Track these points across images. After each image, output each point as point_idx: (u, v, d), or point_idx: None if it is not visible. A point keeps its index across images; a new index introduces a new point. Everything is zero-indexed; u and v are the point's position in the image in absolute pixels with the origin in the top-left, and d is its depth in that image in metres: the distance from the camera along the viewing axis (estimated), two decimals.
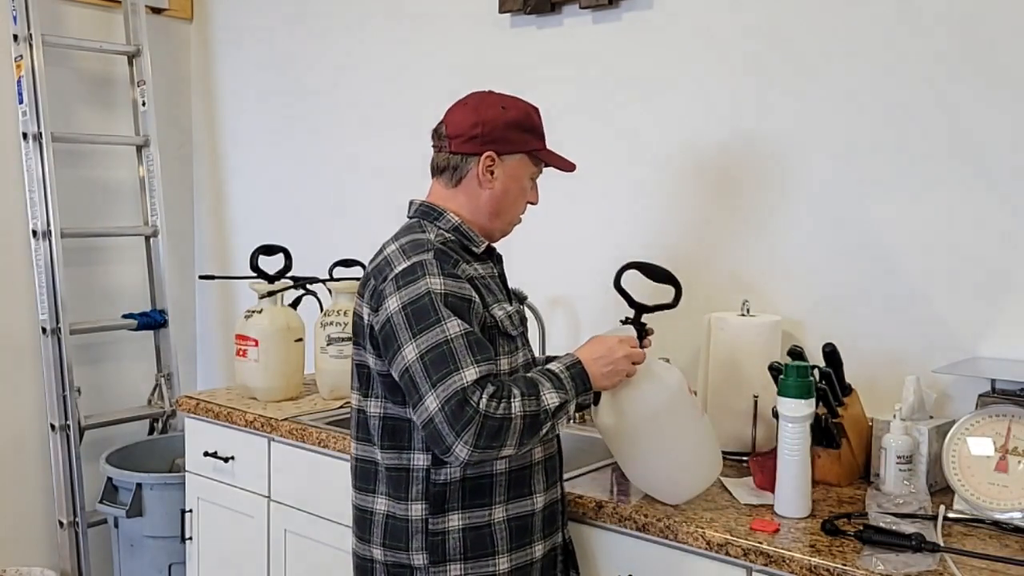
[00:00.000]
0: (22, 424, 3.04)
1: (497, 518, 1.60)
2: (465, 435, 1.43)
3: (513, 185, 1.67)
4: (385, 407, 1.60)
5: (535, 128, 1.70)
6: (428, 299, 1.50)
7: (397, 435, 1.59)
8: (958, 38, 1.90)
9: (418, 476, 1.58)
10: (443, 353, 1.47)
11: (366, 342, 1.59)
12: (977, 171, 1.90)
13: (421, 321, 1.49)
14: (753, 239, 2.20)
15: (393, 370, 1.53)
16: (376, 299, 1.55)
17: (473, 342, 1.49)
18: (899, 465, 1.77)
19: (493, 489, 1.59)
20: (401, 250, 1.57)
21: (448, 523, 1.57)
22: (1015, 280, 1.86)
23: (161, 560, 2.78)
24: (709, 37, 2.24)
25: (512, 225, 1.73)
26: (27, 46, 2.94)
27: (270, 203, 3.27)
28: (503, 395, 1.47)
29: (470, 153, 1.64)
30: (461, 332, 1.49)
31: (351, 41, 2.98)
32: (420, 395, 1.47)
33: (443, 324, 1.48)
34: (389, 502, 1.61)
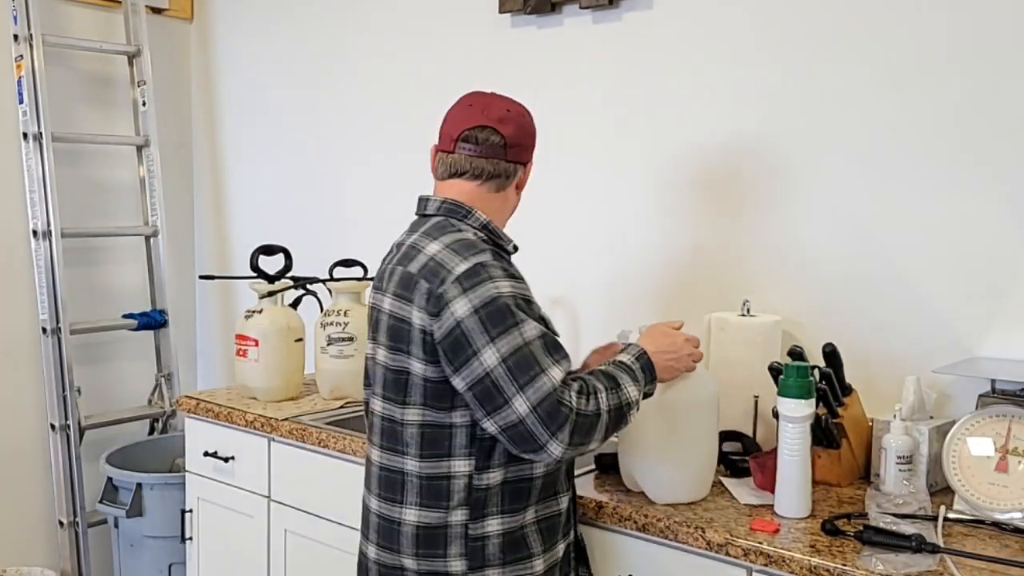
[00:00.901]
0: (22, 424, 3.04)
1: (529, 520, 1.59)
2: (560, 434, 1.45)
3: (519, 193, 1.73)
4: (424, 415, 1.56)
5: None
6: (502, 301, 1.49)
7: (437, 443, 1.56)
8: (958, 38, 1.90)
9: (459, 483, 1.55)
10: (526, 355, 1.47)
11: (414, 347, 1.54)
12: (977, 171, 1.90)
13: (498, 324, 1.47)
14: (753, 239, 2.20)
15: (463, 376, 1.49)
16: (435, 303, 1.51)
17: (549, 342, 1.50)
18: (899, 465, 1.77)
19: (530, 492, 1.59)
20: (451, 250, 1.54)
21: (487, 528, 1.56)
22: (1015, 280, 1.86)
23: (161, 560, 2.78)
24: (709, 37, 2.24)
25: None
26: (27, 46, 2.94)
27: (270, 203, 3.27)
28: (589, 391, 1.50)
29: (521, 162, 1.68)
30: (538, 333, 1.49)
31: (351, 41, 2.98)
32: (506, 399, 1.46)
33: (521, 327, 1.48)
34: (421, 511, 1.57)
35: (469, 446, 1.55)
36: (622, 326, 2.33)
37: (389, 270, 1.63)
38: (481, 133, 1.64)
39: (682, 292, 2.31)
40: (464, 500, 1.55)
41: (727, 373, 2.02)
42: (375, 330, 1.65)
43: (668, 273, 2.35)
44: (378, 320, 1.64)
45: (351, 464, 2.15)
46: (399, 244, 1.66)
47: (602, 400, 1.50)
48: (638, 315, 2.32)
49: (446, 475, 1.55)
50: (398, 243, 1.67)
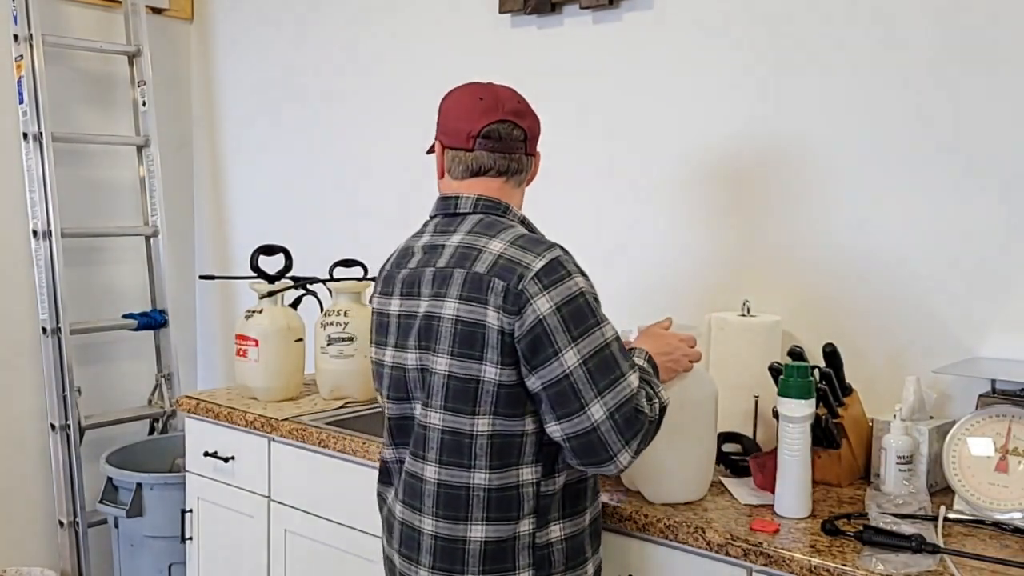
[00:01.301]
0: (22, 424, 3.04)
1: (587, 523, 1.57)
2: (633, 442, 1.42)
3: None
4: (495, 424, 1.47)
5: None
6: (583, 299, 1.44)
7: (506, 452, 1.47)
8: (959, 38, 1.90)
9: (528, 491, 1.49)
10: (606, 358, 1.42)
11: (489, 351, 1.45)
12: (978, 171, 1.90)
13: (580, 324, 1.42)
14: (753, 239, 2.20)
15: (540, 376, 1.43)
16: (514, 300, 1.43)
17: (622, 344, 1.47)
18: (899, 465, 1.77)
19: (585, 494, 1.56)
20: (520, 247, 1.48)
21: (550, 535, 1.51)
22: (1015, 280, 1.86)
23: (161, 560, 2.78)
24: (709, 37, 2.24)
25: None
26: (27, 46, 2.94)
27: (270, 203, 3.27)
28: (651, 395, 1.48)
29: (534, 154, 1.65)
30: (615, 334, 1.46)
31: (351, 41, 2.98)
32: (582, 403, 1.40)
33: (601, 327, 1.44)
34: (489, 526, 1.48)
35: (537, 452, 1.49)
36: (621, 326, 2.33)
37: (413, 274, 1.56)
38: (503, 128, 1.57)
39: (682, 292, 2.31)
40: (532, 509, 1.49)
41: (727, 373, 2.02)
42: (399, 336, 1.57)
43: (668, 273, 2.34)
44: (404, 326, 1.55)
45: (351, 464, 2.15)
46: (431, 246, 1.57)
47: (655, 405, 1.48)
48: (638, 315, 2.32)
49: (515, 485, 1.48)
50: (426, 245, 1.58)
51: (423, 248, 1.58)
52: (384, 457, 1.66)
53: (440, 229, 1.58)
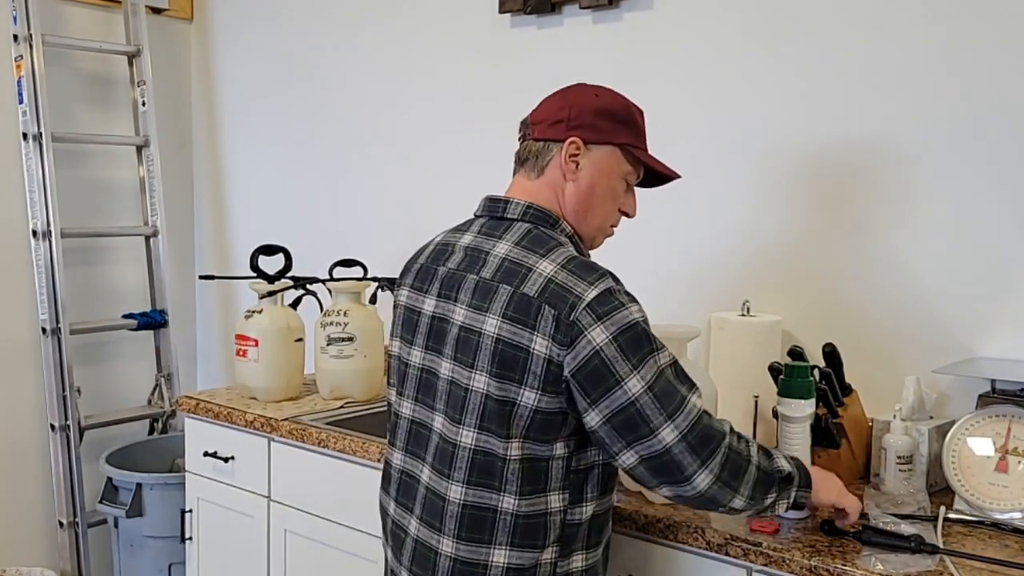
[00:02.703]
0: (22, 424, 3.04)
1: (602, 552, 1.54)
2: (711, 463, 1.37)
3: (601, 181, 1.52)
4: (524, 447, 1.41)
5: (632, 123, 1.55)
6: (640, 328, 1.38)
7: (536, 477, 1.42)
8: (959, 38, 1.90)
9: (555, 520, 1.44)
10: (668, 381, 1.38)
11: (531, 377, 1.38)
12: (978, 171, 1.90)
13: (638, 352, 1.37)
14: (753, 239, 2.20)
15: (601, 408, 1.36)
16: (566, 331, 1.36)
17: (679, 369, 1.42)
18: (899, 465, 1.77)
19: (606, 524, 1.53)
20: (571, 272, 1.40)
21: (572, 564, 1.47)
22: (1015, 280, 1.86)
23: (161, 560, 2.78)
24: (710, 38, 2.24)
25: (602, 233, 1.59)
26: (27, 46, 2.94)
27: (270, 203, 3.27)
28: (741, 435, 1.43)
29: (554, 139, 1.51)
30: (671, 360, 1.41)
31: (351, 41, 2.98)
32: (652, 428, 1.35)
33: (657, 354, 1.39)
34: (512, 552, 1.43)
35: (564, 479, 1.44)
36: None
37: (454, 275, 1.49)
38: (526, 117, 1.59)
39: (682, 292, 2.31)
40: (557, 538, 1.45)
41: (727, 373, 2.02)
42: (433, 339, 1.50)
43: (668, 273, 2.34)
44: (440, 330, 1.49)
45: (351, 464, 2.15)
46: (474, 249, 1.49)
47: (753, 449, 1.42)
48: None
49: (543, 512, 1.43)
50: (469, 247, 1.50)
51: (465, 249, 1.50)
52: (390, 463, 1.59)
53: (485, 232, 1.51)
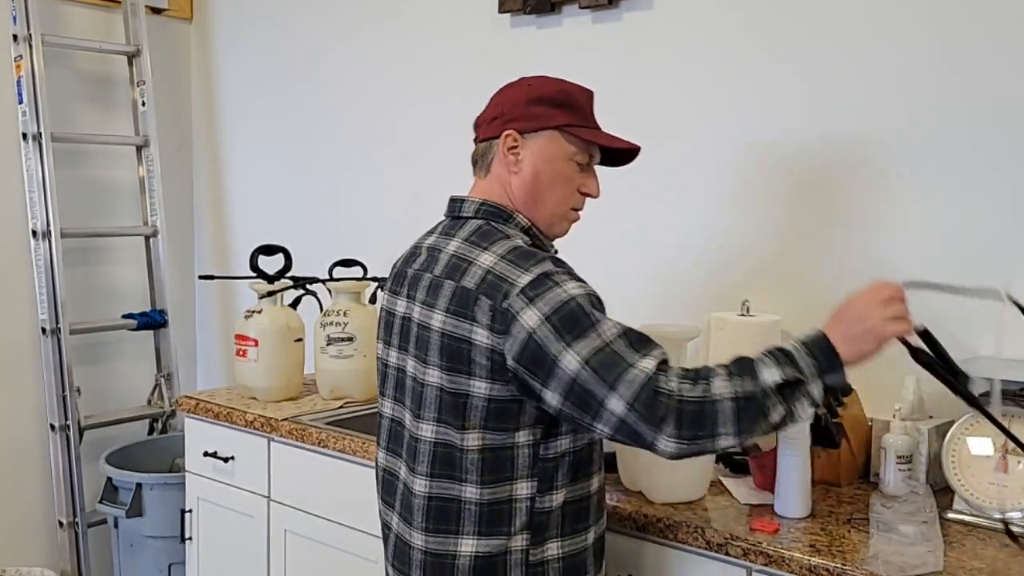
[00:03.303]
0: (22, 424, 3.04)
1: (590, 541, 1.50)
2: (666, 427, 1.28)
3: (545, 167, 1.51)
4: (485, 437, 1.42)
5: (570, 104, 1.54)
6: (575, 304, 1.35)
7: (499, 466, 1.42)
8: (959, 39, 1.90)
9: (522, 507, 1.43)
10: (610, 354, 1.32)
11: (477, 368, 1.40)
12: (978, 171, 1.90)
13: (574, 328, 1.34)
14: (753, 239, 2.20)
15: (553, 389, 1.35)
16: (501, 320, 1.36)
17: (634, 338, 1.35)
18: (899, 465, 1.77)
19: (590, 512, 1.49)
20: (508, 261, 1.41)
21: (547, 552, 1.45)
22: (1015, 280, 1.86)
23: (161, 560, 2.78)
24: (709, 37, 2.24)
25: (562, 219, 1.57)
26: (27, 46, 2.94)
27: (270, 203, 3.27)
28: (698, 377, 1.31)
29: (493, 136, 1.53)
30: (619, 331, 1.35)
31: (351, 41, 2.98)
32: (600, 402, 1.31)
33: (598, 327, 1.34)
34: (479, 540, 1.43)
35: (532, 467, 1.43)
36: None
37: (416, 275, 1.51)
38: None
39: (682, 292, 2.31)
40: (526, 525, 1.44)
41: None
42: (402, 339, 1.52)
43: (667, 273, 2.34)
44: (406, 329, 1.51)
45: (351, 464, 2.15)
46: (433, 248, 1.52)
47: (715, 385, 1.30)
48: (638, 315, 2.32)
49: (508, 499, 1.43)
50: (430, 246, 1.53)
51: (428, 249, 1.53)
52: (379, 463, 1.61)
53: (444, 231, 1.54)
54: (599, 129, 1.57)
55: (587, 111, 1.56)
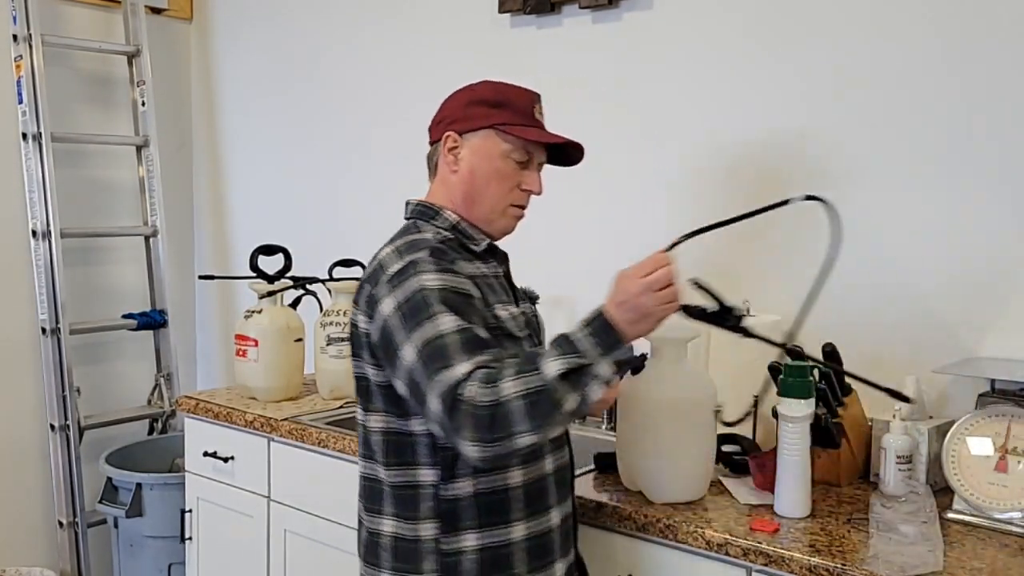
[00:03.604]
0: (22, 424, 3.04)
1: (517, 537, 1.48)
2: (464, 431, 1.30)
3: (481, 164, 1.55)
4: (387, 421, 1.49)
5: (508, 104, 1.57)
6: (421, 295, 1.39)
7: (402, 450, 1.48)
8: (958, 39, 1.90)
9: (427, 493, 1.46)
10: (437, 348, 1.34)
11: (364, 352, 1.49)
12: (977, 171, 1.90)
13: (415, 318, 1.37)
14: (753, 238, 2.20)
15: (398, 377, 1.41)
16: (371, 305, 1.45)
17: (470, 338, 1.36)
18: (899, 465, 1.77)
19: (510, 505, 1.47)
20: (396, 251, 1.48)
21: (462, 543, 1.46)
22: (1015, 280, 1.86)
23: (161, 560, 2.78)
24: (709, 37, 2.24)
25: (501, 216, 1.59)
26: (27, 46, 2.94)
27: (270, 203, 3.27)
28: (493, 379, 1.31)
29: (437, 139, 1.60)
30: (456, 327, 1.36)
31: (351, 41, 2.98)
32: (424, 397, 1.34)
33: (436, 319, 1.36)
34: (397, 523, 1.49)
35: (432, 455, 1.46)
36: None
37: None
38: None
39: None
40: (433, 512, 1.46)
41: (727, 373, 2.01)
42: None
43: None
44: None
45: (351, 464, 2.15)
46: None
47: (504, 387, 1.29)
48: None
49: (414, 484, 1.47)
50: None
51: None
52: None
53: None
54: (539, 128, 1.61)
55: (527, 111, 1.59)
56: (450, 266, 1.45)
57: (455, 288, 1.42)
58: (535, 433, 1.30)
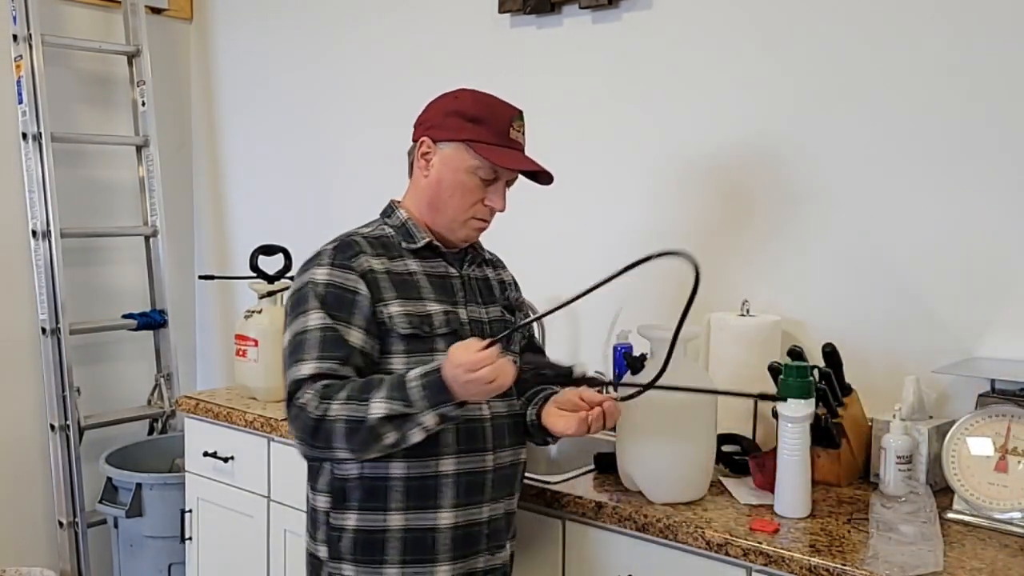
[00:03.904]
0: (22, 424, 3.04)
1: (393, 526, 1.53)
2: (292, 427, 1.47)
3: (448, 176, 1.60)
4: None
5: (484, 120, 1.59)
6: (306, 289, 1.53)
7: None
8: (957, 39, 1.90)
9: (326, 468, 1.58)
10: (299, 342, 1.49)
11: None
12: (977, 172, 1.90)
13: (295, 309, 1.52)
14: (753, 239, 2.20)
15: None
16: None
17: (327, 338, 1.49)
18: (899, 465, 1.77)
19: (388, 493, 1.53)
20: (331, 241, 1.62)
21: (346, 520, 1.56)
22: (1015, 280, 1.86)
23: (161, 560, 2.78)
24: (709, 37, 2.24)
25: (462, 226, 1.62)
26: (27, 46, 2.94)
27: (270, 203, 3.27)
28: (329, 394, 1.44)
29: (415, 140, 1.67)
30: (319, 325, 1.49)
31: (351, 41, 2.98)
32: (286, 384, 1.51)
33: (307, 315, 1.50)
34: (311, 494, 1.63)
35: None
36: (621, 327, 2.33)
37: None
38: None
39: (682, 292, 2.31)
40: (328, 487, 1.57)
41: (727, 373, 2.02)
42: None
43: (668, 273, 2.34)
44: None
45: None
46: None
47: (334, 407, 1.43)
48: (638, 315, 2.32)
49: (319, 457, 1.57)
50: None
51: None
52: None
53: None
54: (513, 149, 1.62)
55: (502, 130, 1.61)
56: (347, 261, 1.55)
57: (339, 284, 1.53)
58: (352, 454, 1.46)
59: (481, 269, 1.73)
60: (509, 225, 1.80)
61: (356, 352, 1.50)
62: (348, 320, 1.51)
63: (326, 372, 1.47)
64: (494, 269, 1.78)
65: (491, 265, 1.78)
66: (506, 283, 1.79)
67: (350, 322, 1.51)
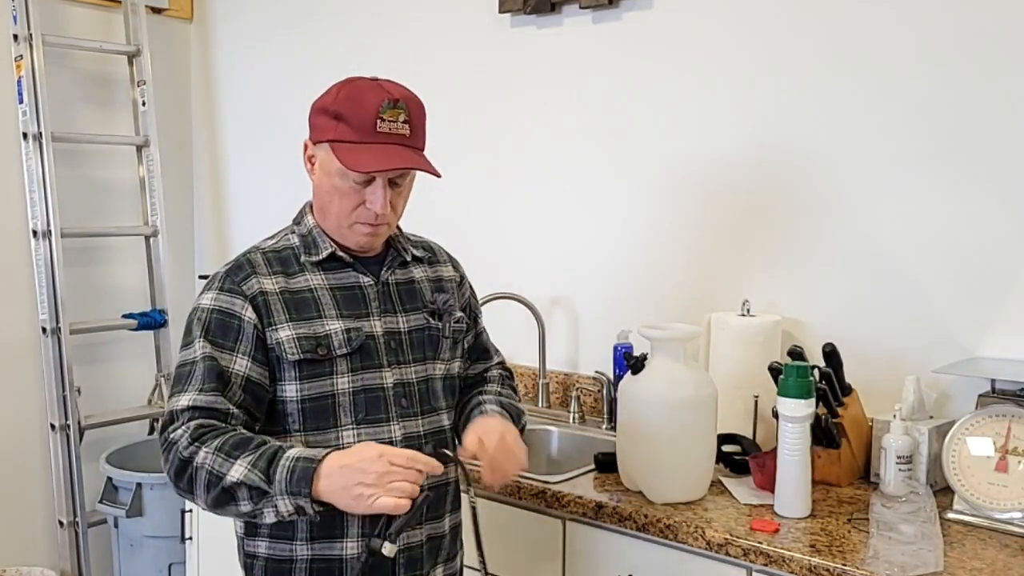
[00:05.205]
0: (22, 424, 3.04)
1: (300, 556, 1.46)
2: (162, 461, 1.39)
3: (324, 180, 1.46)
4: None
5: (342, 116, 1.43)
6: (194, 316, 1.46)
7: None
8: (955, 39, 1.90)
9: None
10: (181, 373, 1.42)
11: None
12: (977, 172, 1.90)
13: (184, 338, 1.46)
14: (753, 239, 2.20)
15: None
16: None
17: (207, 369, 1.40)
18: (899, 465, 1.77)
19: (294, 524, 1.45)
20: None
21: (257, 548, 1.50)
22: (1015, 280, 1.86)
23: (161, 560, 2.78)
24: (709, 38, 2.24)
25: (347, 229, 1.48)
26: (27, 46, 2.94)
27: (270, 203, 3.27)
28: (203, 435, 1.35)
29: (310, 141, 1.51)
30: (201, 356, 1.41)
31: (351, 41, 2.98)
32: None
33: (192, 345, 1.43)
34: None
35: None
36: (622, 326, 2.33)
37: None
38: None
39: (682, 292, 2.31)
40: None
41: (727, 373, 2.02)
42: None
43: (668, 273, 2.34)
44: None
45: None
46: None
47: (201, 453, 1.34)
48: (638, 315, 2.32)
49: None
50: None
51: None
52: None
53: None
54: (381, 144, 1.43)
55: (365, 126, 1.42)
56: (236, 285, 1.47)
57: (224, 310, 1.45)
58: (209, 507, 1.37)
59: (406, 271, 1.56)
60: (508, 225, 1.80)
61: (239, 382, 1.41)
62: (232, 348, 1.42)
63: (203, 405, 1.38)
64: (428, 266, 1.61)
65: (423, 263, 1.60)
66: (444, 279, 1.61)
67: (234, 350, 1.42)
